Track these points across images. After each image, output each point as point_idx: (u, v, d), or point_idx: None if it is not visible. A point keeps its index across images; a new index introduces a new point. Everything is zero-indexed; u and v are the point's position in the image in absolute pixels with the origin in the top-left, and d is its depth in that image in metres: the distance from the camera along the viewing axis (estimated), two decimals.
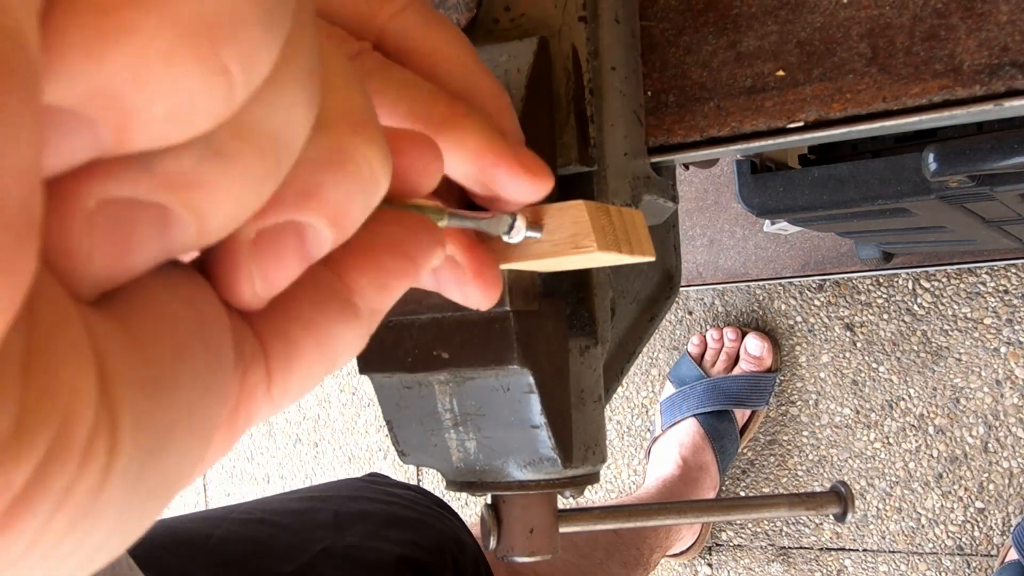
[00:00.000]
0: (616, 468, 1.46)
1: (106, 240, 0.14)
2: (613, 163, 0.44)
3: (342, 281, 0.18)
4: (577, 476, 0.42)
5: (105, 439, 0.12)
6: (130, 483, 0.13)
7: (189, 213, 0.14)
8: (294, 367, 0.18)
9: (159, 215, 0.14)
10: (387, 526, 0.71)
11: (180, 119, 0.13)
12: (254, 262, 0.16)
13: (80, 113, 0.12)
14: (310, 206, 0.16)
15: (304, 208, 0.16)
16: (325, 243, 0.17)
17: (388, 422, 0.42)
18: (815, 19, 0.44)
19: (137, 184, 0.13)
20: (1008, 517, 1.19)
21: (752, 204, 0.77)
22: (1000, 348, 1.18)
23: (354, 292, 0.19)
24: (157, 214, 0.14)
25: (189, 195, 0.14)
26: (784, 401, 1.32)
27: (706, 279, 1.35)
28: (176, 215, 0.14)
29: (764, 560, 1.34)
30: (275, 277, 0.17)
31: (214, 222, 0.14)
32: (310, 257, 0.17)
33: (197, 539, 0.63)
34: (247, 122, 0.14)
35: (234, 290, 0.16)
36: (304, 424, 1.75)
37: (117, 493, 0.13)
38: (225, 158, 0.14)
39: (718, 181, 1.33)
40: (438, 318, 0.37)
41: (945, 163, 0.60)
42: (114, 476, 0.13)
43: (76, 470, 0.12)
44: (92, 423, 0.12)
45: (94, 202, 0.13)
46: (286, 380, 0.18)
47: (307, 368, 0.18)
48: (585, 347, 0.42)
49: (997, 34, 0.40)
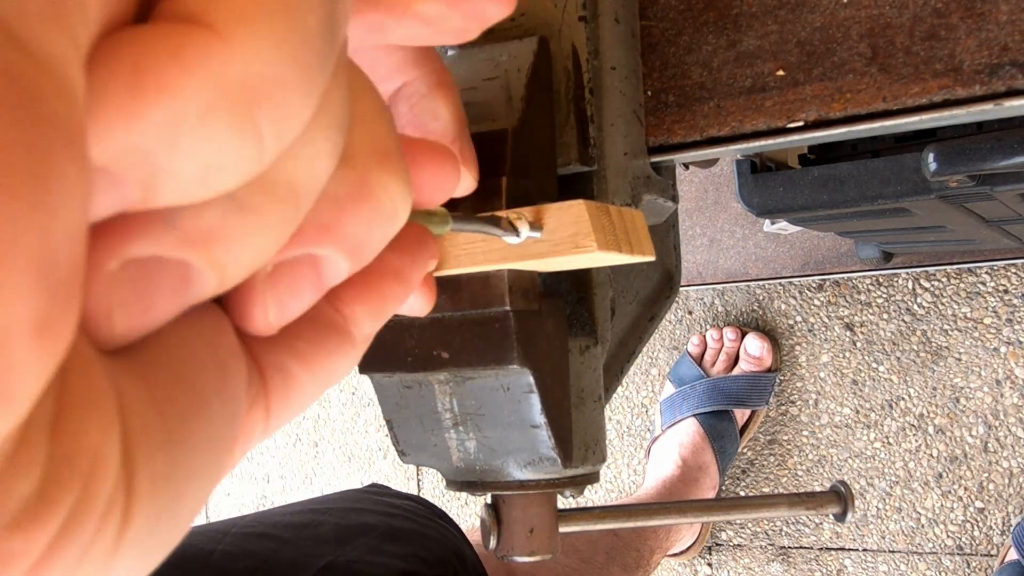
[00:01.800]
0: (616, 468, 1.46)
1: (127, 299, 0.13)
2: (613, 163, 0.44)
3: (340, 312, 0.18)
4: (577, 476, 0.42)
5: (122, 502, 0.12)
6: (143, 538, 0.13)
7: (210, 267, 0.14)
8: (291, 400, 0.18)
9: (181, 271, 0.14)
10: (389, 540, 0.71)
11: (209, 179, 0.13)
12: (270, 293, 0.16)
13: (109, 169, 0.12)
14: (329, 240, 0.16)
15: (323, 242, 0.16)
16: (341, 273, 0.17)
17: (388, 422, 0.42)
18: (815, 19, 0.44)
19: (160, 242, 0.13)
20: (1008, 517, 1.19)
21: (752, 204, 0.77)
22: (1000, 348, 1.18)
23: (351, 322, 0.18)
24: (179, 270, 0.14)
25: (212, 250, 0.14)
26: (784, 401, 1.32)
27: (706, 279, 1.35)
28: (198, 270, 0.14)
29: (764, 560, 1.34)
30: (290, 307, 0.16)
31: (235, 272, 0.14)
32: (324, 287, 0.17)
33: (199, 555, 0.63)
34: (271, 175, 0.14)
35: (248, 318, 0.16)
36: (304, 424, 1.75)
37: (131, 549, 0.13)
38: (248, 212, 0.14)
39: (718, 181, 1.33)
40: (438, 318, 0.37)
41: (945, 163, 0.60)
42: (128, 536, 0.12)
43: (94, 533, 0.12)
44: (112, 488, 0.12)
45: (116, 263, 0.13)
46: (283, 412, 0.18)
47: (303, 398, 0.18)
48: (585, 347, 0.42)
49: (997, 34, 0.40)
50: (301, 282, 0.16)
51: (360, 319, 0.18)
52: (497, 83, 0.38)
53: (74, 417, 0.11)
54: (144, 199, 0.13)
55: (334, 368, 0.18)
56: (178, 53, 0.12)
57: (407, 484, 1.63)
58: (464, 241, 0.30)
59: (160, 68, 0.12)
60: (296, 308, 0.17)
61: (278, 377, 0.17)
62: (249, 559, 0.64)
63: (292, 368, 0.17)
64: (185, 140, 0.12)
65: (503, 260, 0.30)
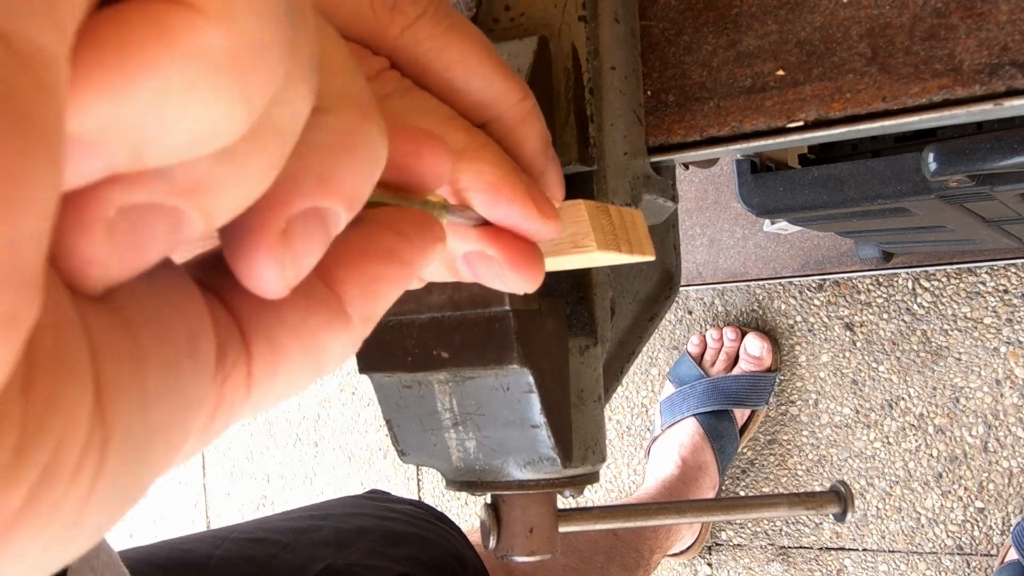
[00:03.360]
0: (616, 468, 1.46)
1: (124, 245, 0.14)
2: (613, 163, 0.44)
3: (332, 291, 0.18)
4: (577, 476, 0.42)
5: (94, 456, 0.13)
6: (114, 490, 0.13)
7: (199, 212, 0.14)
8: (278, 371, 0.18)
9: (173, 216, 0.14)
10: (388, 543, 0.71)
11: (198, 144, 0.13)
12: (287, 251, 0.16)
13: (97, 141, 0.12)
14: (329, 190, 0.17)
15: (324, 193, 0.16)
16: (341, 224, 0.17)
17: (388, 421, 0.42)
18: (815, 19, 0.44)
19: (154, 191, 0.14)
20: (1008, 517, 1.19)
21: (752, 204, 0.77)
22: (1000, 348, 1.18)
23: (345, 300, 0.19)
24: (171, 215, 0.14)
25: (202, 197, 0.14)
26: (784, 401, 1.32)
27: (706, 279, 1.35)
28: (188, 215, 0.14)
29: (764, 560, 1.34)
30: (304, 264, 0.17)
31: (222, 216, 0.15)
32: (329, 240, 0.17)
33: (198, 560, 0.63)
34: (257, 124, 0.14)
35: (263, 279, 0.16)
36: (304, 423, 1.75)
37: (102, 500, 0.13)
38: (236, 159, 0.14)
39: (718, 181, 1.33)
40: (438, 318, 0.37)
41: (945, 163, 0.60)
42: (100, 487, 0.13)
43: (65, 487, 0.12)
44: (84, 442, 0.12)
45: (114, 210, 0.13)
46: (269, 383, 0.18)
47: (292, 372, 0.18)
48: (585, 347, 0.42)
49: (997, 34, 0.40)
50: (312, 237, 0.17)
51: (353, 298, 0.19)
52: None
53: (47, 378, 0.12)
54: (132, 165, 0.13)
55: (325, 344, 0.18)
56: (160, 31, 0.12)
57: (407, 484, 1.63)
58: None
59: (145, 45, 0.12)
60: (309, 265, 0.17)
61: (264, 345, 0.17)
62: (248, 563, 0.64)
63: (279, 336, 0.17)
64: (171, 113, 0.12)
65: None
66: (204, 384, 0.16)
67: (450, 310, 0.37)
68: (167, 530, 1.91)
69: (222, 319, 0.17)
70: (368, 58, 0.26)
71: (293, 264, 0.16)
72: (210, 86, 0.12)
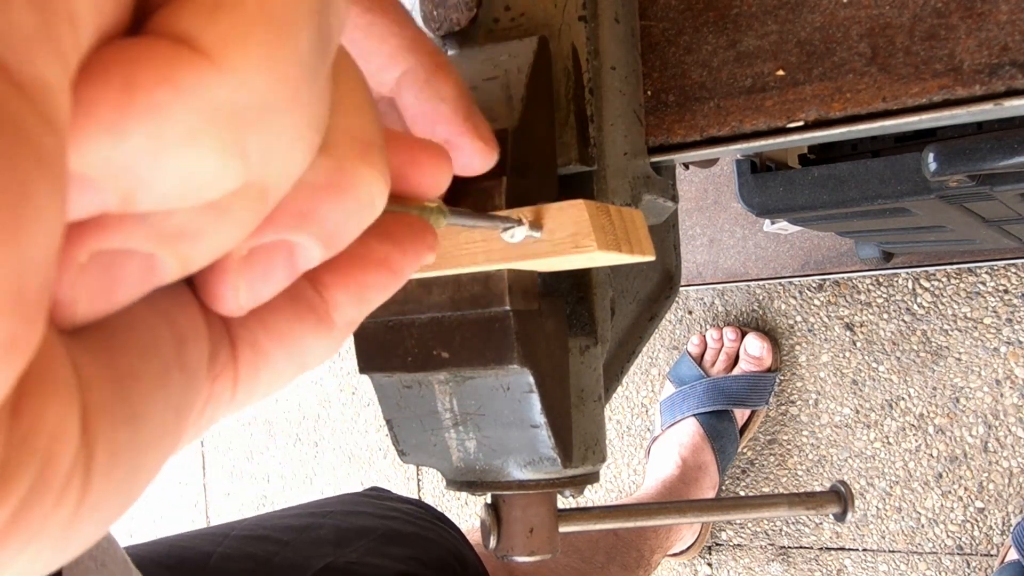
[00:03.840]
0: (616, 468, 1.46)
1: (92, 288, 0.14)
2: (613, 163, 0.44)
3: (321, 296, 0.18)
4: (577, 476, 0.42)
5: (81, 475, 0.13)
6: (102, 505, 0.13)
7: (176, 259, 0.14)
8: (261, 374, 0.18)
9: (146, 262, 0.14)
10: (388, 542, 0.71)
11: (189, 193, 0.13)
12: (242, 277, 0.16)
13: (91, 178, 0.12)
14: (305, 227, 0.16)
15: (298, 229, 0.16)
16: (313, 260, 0.17)
17: (388, 421, 0.42)
18: (815, 19, 0.44)
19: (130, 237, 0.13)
20: (1008, 517, 1.19)
21: (752, 204, 0.77)
22: (1000, 348, 1.18)
23: (332, 306, 0.18)
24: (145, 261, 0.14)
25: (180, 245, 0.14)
26: (784, 401, 1.32)
27: (706, 279, 1.35)
28: (163, 260, 0.14)
29: (764, 560, 1.34)
30: (261, 291, 0.17)
31: (198, 263, 0.15)
32: (297, 272, 0.17)
33: (198, 557, 0.63)
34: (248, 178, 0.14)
35: (219, 300, 0.16)
36: (304, 423, 1.75)
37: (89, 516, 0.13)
38: (219, 211, 0.14)
39: (718, 181, 1.33)
40: (438, 318, 0.37)
41: (945, 163, 0.60)
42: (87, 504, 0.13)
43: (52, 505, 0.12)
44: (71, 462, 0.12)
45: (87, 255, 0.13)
46: (252, 385, 0.18)
47: (274, 375, 0.18)
48: (585, 347, 0.42)
49: (997, 34, 0.40)
50: (274, 267, 0.16)
51: (341, 304, 0.19)
52: (497, 83, 0.38)
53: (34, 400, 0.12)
54: (122, 207, 0.13)
55: (309, 348, 0.18)
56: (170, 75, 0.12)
57: (407, 484, 1.63)
58: (464, 241, 0.30)
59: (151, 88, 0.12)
60: (267, 292, 0.17)
61: (249, 350, 0.17)
62: (248, 561, 0.64)
63: (263, 343, 0.17)
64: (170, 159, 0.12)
65: (503, 260, 0.30)
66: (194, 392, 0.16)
67: (450, 310, 0.37)
68: (167, 530, 1.91)
69: (215, 323, 0.17)
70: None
71: (249, 290, 0.16)
72: (210, 139, 0.12)
